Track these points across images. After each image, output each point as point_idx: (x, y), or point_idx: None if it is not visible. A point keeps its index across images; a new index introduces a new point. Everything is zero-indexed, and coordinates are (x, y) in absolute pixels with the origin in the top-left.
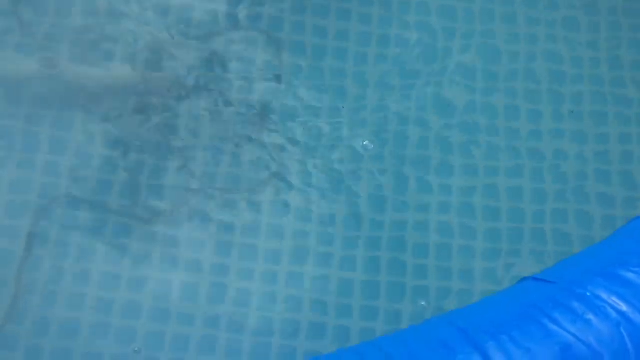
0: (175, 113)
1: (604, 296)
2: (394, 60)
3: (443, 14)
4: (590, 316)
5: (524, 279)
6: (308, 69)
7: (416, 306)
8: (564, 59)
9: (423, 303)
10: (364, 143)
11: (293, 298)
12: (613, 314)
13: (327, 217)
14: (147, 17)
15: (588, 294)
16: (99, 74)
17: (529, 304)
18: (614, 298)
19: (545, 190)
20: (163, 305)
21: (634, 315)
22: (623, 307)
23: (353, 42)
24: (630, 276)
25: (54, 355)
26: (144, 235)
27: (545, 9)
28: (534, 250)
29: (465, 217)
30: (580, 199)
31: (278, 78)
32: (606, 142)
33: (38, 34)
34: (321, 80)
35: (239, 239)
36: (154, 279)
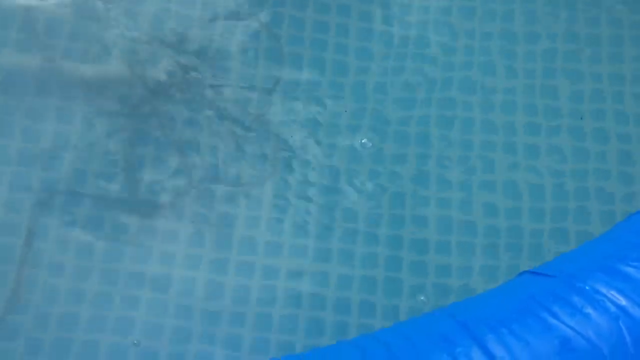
0: (175, 107)
1: (603, 290)
2: (395, 57)
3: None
4: (589, 310)
5: (523, 273)
6: (307, 63)
7: (416, 301)
8: (559, 53)
9: (422, 298)
10: (363, 141)
11: (292, 292)
12: (612, 308)
13: (326, 213)
14: (148, 11)
15: (587, 288)
16: (97, 70)
17: (529, 298)
18: (613, 292)
19: (544, 185)
20: (162, 297)
21: (633, 309)
22: (622, 301)
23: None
24: (629, 270)
25: (54, 346)
26: (144, 228)
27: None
28: (532, 245)
29: (464, 214)
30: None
31: (278, 72)
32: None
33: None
34: (319, 73)
35: (239, 233)
36: (154, 273)
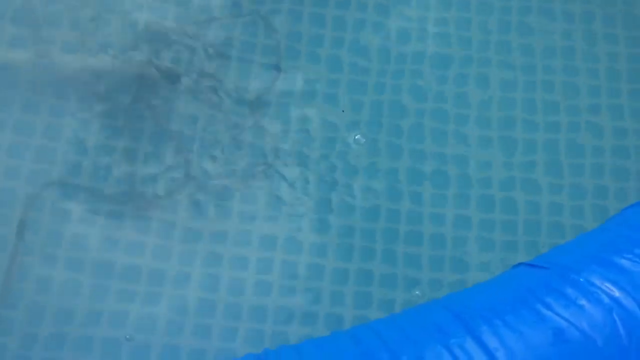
0: (171, 100)
1: (597, 282)
2: (391, 49)
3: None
4: (583, 301)
5: (518, 265)
6: (305, 57)
7: (411, 295)
8: (557, 49)
9: (417, 292)
10: (357, 137)
11: (286, 286)
12: (606, 300)
13: (322, 207)
14: (143, 4)
15: (581, 280)
16: (94, 62)
17: (523, 289)
18: (607, 284)
19: (538, 181)
20: (157, 291)
21: (627, 300)
22: (616, 293)
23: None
24: (623, 262)
25: (48, 340)
26: (139, 222)
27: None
28: (528, 240)
29: (460, 208)
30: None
31: (277, 67)
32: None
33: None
34: (317, 70)
35: (234, 227)
36: (148, 267)
